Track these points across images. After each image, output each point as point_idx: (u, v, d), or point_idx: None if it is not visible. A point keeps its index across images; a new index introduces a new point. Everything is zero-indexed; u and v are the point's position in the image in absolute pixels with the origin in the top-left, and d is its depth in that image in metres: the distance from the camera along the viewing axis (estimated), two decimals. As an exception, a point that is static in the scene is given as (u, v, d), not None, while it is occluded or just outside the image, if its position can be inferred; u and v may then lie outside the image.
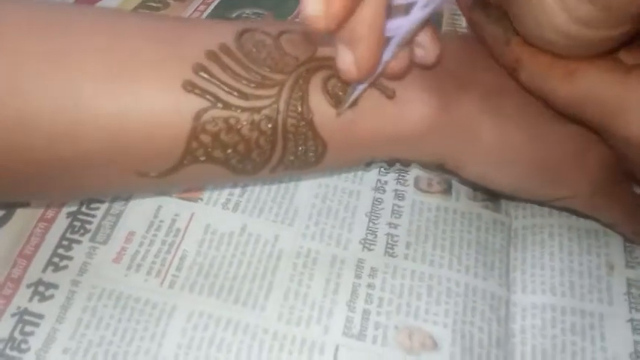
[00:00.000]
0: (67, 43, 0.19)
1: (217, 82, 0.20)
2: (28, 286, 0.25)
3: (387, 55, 0.19)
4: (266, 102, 0.20)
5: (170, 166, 0.21)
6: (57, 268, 0.25)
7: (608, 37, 0.18)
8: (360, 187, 0.29)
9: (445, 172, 0.27)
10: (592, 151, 0.23)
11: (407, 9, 0.18)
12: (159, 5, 0.40)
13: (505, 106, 0.23)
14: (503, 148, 0.23)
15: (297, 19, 0.38)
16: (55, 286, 0.25)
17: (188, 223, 0.27)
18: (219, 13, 0.39)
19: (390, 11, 0.18)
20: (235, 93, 0.20)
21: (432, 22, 0.21)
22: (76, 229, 0.27)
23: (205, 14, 0.39)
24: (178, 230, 0.27)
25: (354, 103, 0.21)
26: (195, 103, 0.20)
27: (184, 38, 0.21)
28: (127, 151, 0.20)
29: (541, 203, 0.28)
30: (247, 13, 0.39)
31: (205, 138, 0.20)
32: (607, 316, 0.25)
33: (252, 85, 0.20)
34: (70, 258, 0.26)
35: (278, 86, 0.20)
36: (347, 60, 0.18)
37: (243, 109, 0.20)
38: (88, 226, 0.27)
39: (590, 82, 0.19)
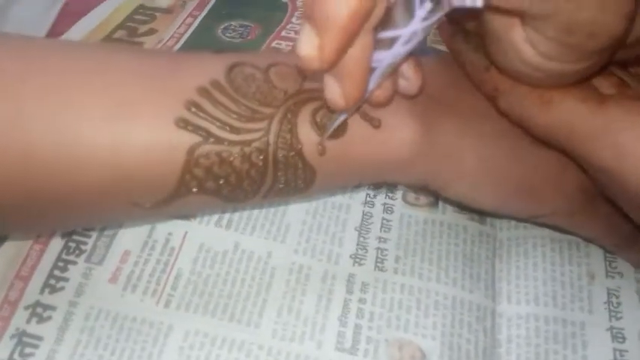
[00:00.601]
0: (63, 82, 0.20)
1: (209, 118, 0.20)
2: (26, 307, 0.25)
3: (371, 85, 0.20)
4: (256, 135, 0.21)
5: (163, 197, 0.21)
6: (53, 290, 0.26)
7: (575, 70, 0.19)
8: (349, 201, 0.30)
9: (429, 193, 0.28)
10: (570, 172, 0.24)
11: (391, 42, 0.19)
12: (146, 18, 0.40)
13: (486, 130, 0.24)
14: (484, 170, 0.24)
15: (283, 34, 0.39)
16: (52, 308, 0.25)
17: (182, 242, 0.28)
18: (207, 25, 0.40)
19: (376, 43, 0.19)
20: (227, 128, 0.21)
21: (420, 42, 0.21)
22: (71, 250, 0.27)
23: (193, 27, 0.39)
24: (172, 249, 0.27)
25: (342, 132, 0.22)
26: (188, 138, 0.20)
27: (176, 75, 0.21)
28: (122, 185, 0.20)
29: (522, 220, 0.29)
30: (234, 26, 0.40)
31: (198, 171, 0.21)
32: (588, 325, 0.26)
33: (243, 119, 0.21)
34: (66, 279, 0.26)
35: (267, 119, 0.21)
36: (335, 92, 0.19)
37: (235, 143, 0.21)
38: (83, 247, 0.27)
39: (564, 112, 0.20)
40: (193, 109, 0.20)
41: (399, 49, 0.19)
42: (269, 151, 0.21)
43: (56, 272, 0.26)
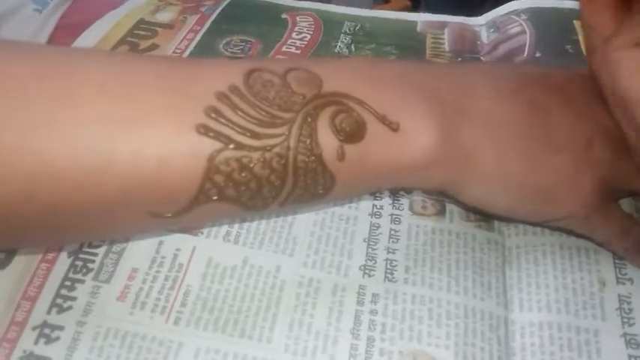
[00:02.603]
0: (79, 88, 0.19)
1: (229, 124, 0.20)
2: (34, 328, 0.25)
3: None
4: (277, 140, 0.21)
5: (183, 206, 0.21)
6: (61, 310, 0.26)
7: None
8: (356, 212, 0.30)
9: (446, 197, 0.28)
10: (584, 174, 0.24)
11: None
12: (147, 34, 0.40)
13: (502, 134, 0.24)
14: (500, 174, 0.24)
15: (283, 49, 0.39)
16: (60, 328, 0.25)
17: (190, 258, 0.27)
18: (208, 41, 0.40)
19: None
20: (247, 133, 0.20)
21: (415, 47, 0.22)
22: (79, 268, 0.27)
23: (194, 42, 0.40)
24: (181, 265, 0.27)
25: (360, 136, 0.22)
26: (209, 145, 0.20)
27: (194, 81, 0.21)
28: (141, 194, 0.20)
29: (537, 224, 0.29)
30: (236, 41, 0.40)
31: (219, 178, 0.21)
32: (601, 332, 0.26)
33: (263, 124, 0.21)
34: (73, 298, 0.26)
35: (288, 124, 0.21)
36: None
37: (256, 149, 0.21)
38: (90, 265, 0.27)
39: None
40: (213, 115, 0.20)
41: None
42: (289, 156, 0.21)
43: (63, 291, 0.26)
